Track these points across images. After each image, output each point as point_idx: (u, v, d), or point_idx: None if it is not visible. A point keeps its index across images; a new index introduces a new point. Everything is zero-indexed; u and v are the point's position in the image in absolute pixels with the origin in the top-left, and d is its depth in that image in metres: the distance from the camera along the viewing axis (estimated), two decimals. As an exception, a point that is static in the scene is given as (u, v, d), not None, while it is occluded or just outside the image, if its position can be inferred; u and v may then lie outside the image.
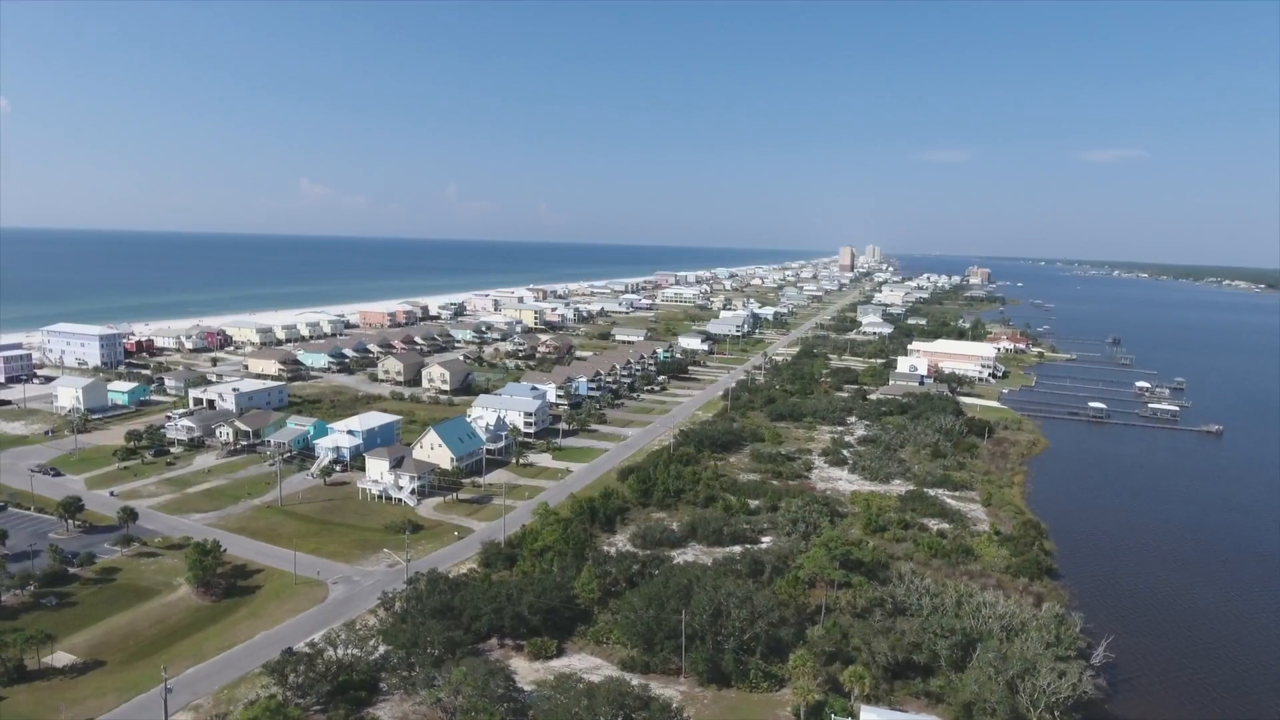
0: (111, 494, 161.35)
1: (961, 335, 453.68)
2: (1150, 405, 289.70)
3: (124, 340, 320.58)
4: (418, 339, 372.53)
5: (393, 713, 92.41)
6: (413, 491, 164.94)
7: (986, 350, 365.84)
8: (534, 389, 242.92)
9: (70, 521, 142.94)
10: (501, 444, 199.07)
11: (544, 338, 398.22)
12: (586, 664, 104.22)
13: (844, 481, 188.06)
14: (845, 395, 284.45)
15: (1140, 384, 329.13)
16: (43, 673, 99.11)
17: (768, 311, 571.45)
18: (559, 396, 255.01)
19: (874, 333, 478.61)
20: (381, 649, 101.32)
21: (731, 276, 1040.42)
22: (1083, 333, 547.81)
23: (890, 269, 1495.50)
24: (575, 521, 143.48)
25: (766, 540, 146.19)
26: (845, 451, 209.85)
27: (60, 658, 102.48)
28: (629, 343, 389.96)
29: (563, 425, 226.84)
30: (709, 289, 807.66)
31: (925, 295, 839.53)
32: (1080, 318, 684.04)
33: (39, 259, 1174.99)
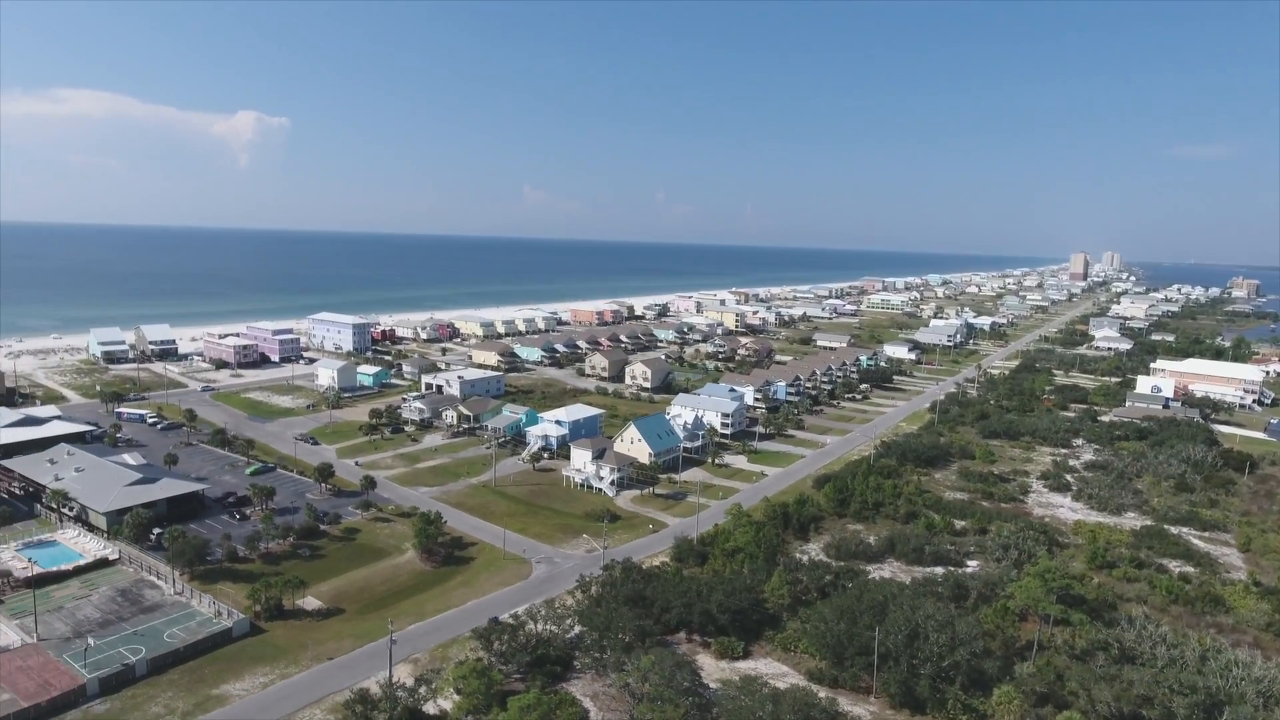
0: (356, 464, 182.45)
1: (1219, 355, 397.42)
2: None
3: (371, 329, 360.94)
4: (623, 337, 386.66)
5: (584, 690, 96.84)
6: (612, 482, 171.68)
7: (1251, 373, 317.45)
8: (732, 390, 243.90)
9: (323, 485, 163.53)
10: (698, 443, 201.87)
11: (744, 340, 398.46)
12: (773, 669, 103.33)
13: (1066, 509, 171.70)
14: (1071, 415, 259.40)
15: None
16: (295, 613, 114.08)
17: (984, 321, 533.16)
18: (757, 399, 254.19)
19: (1108, 348, 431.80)
20: (577, 629, 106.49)
21: (945, 283, 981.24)
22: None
23: (1131, 278, 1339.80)
24: (768, 525, 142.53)
25: (973, 564, 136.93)
26: (1069, 476, 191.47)
27: (309, 602, 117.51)
28: (831, 349, 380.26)
29: (759, 428, 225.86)
30: (919, 296, 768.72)
31: (1174, 308, 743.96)
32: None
33: (310, 257, 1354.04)
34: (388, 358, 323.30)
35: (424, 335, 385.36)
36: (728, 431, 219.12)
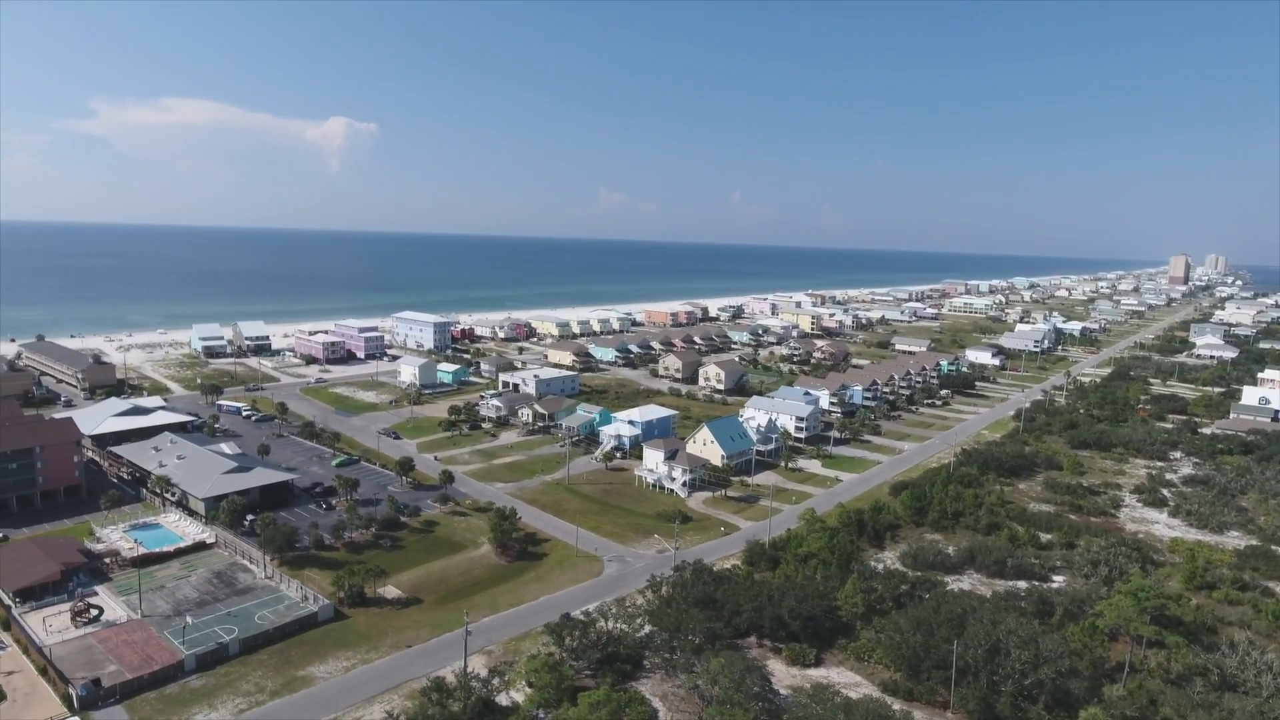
0: (435, 458, 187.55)
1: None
2: None
3: (451, 328, 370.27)
4: (696, 339, 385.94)
5: (653, 690, 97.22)
6: (684, 484, 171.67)
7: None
8: (807, 394, 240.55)
9: (404, 478, 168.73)
10: (771, 446, 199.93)
11: (820, 343, 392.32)
12: (845, 679, 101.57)
13: (1161, 525, 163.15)
14: (1168, 426, 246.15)
15: None
16: (376, 601, 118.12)
17: (1074, 326, 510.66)
18: (832, 403, 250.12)
19: (1211, 356, 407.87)
20: (647, 628, 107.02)
21: (1032, 287, 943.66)
22: None
23: (1237, 282, 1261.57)
24: (842, 532, 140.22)
25: (1059, 580, 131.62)
26: (1165, 491, 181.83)
27: (389, 591, 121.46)
28: (910, 353, 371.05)
29: (834, 433, 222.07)
30: (1004, 299, 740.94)
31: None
32: None
33: (395, 258, 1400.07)
34: (467, 356, 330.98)
35: (501, 334, 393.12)
36: (802, 435, 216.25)
